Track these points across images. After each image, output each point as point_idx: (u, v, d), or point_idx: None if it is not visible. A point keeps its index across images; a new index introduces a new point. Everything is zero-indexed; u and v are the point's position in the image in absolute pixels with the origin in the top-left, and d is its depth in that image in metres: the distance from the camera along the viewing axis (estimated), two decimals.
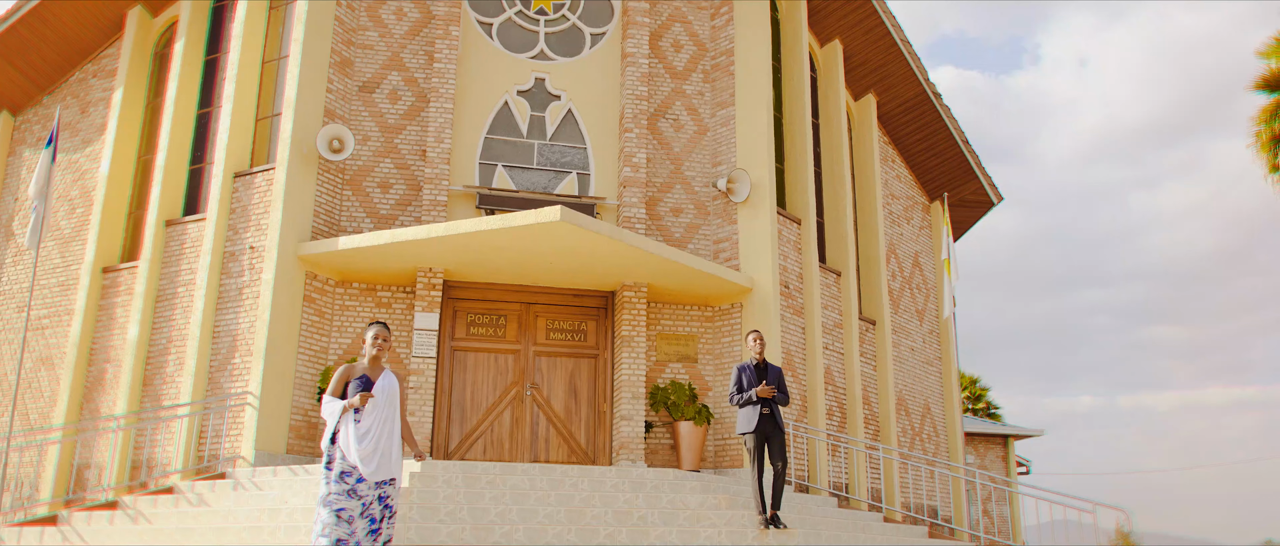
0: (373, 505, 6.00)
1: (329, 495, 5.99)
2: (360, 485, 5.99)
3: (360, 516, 5.96)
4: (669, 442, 12.35)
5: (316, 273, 11.74)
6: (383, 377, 6.24)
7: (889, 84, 15.50)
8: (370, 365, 6.27)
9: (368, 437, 6.02)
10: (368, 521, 5.98)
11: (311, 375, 11.53)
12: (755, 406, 8.02)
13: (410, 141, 12.63)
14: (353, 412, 6.09)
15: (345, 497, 5.96)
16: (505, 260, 11.50)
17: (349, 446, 6.01)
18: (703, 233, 13.13)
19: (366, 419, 6.06)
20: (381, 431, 6.07)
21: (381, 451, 6.05)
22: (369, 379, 6.20)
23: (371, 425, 6.05)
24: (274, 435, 10.97)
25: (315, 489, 8.88)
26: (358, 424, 6.06)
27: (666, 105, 13.51)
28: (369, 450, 5.99)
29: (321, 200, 11.95)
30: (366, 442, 6.00)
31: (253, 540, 7.62)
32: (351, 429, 6.04)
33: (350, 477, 6.00)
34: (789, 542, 7.53)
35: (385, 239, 10.95)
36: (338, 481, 6.00)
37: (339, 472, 6.02)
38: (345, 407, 6.09)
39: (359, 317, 11.98)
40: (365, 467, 5.96)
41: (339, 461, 6.05)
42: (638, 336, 12.10)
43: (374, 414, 6.07)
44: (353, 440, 6.01)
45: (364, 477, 5.99)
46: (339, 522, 5.91)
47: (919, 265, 16.69)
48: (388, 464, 6.09)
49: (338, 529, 5.89)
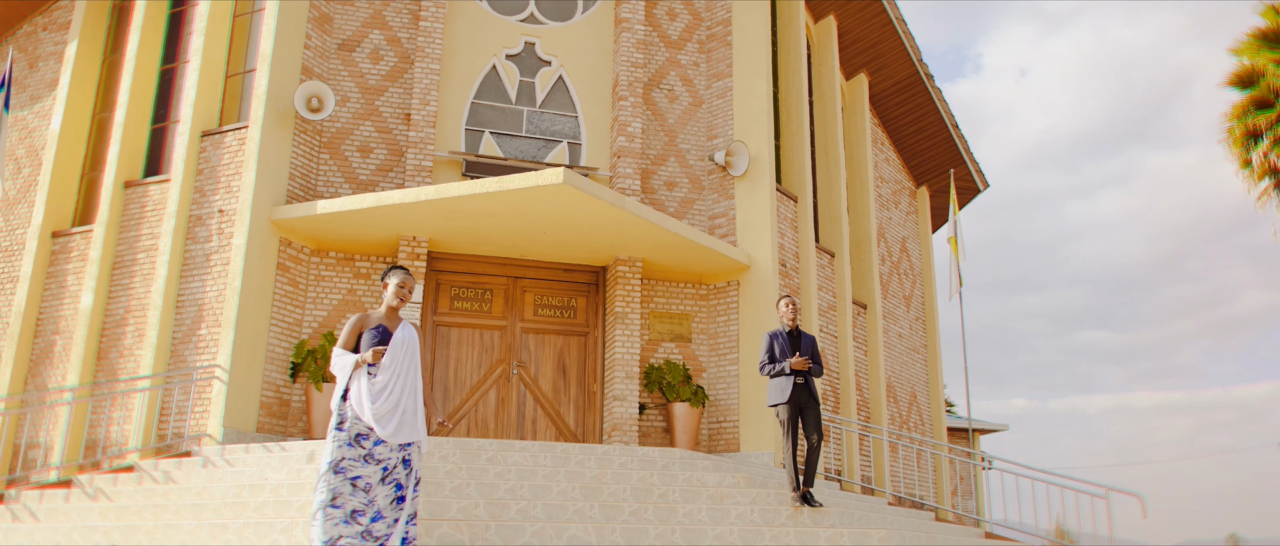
0: (397, 469, 5.34)
1: (341, 461, 5.29)
2: (378, 448, 5.31)
3: (381, 483, 5.27)
4: (661, 425, 11.81)
5: (291, 239, 10.96)
6: (402, 329, 5.58)
7: (882, 64, 15.16)
8: (387, 315, 5.61)
9: (385, 394, 5.35)
10: (393, 488, 5.30)
11: (284, 348, 10.75)
12: (788, 377, 7.50)
13: (392, 104, 11.90)
14: (366, 367, 5.42)
15: (361, 463, 5.27)
16: (495, 229, 10.85)
17: (362, 405, 5.33)
18: (698, 208, 12.61)
19: (383, 373, 5.40)
20: (401, 388, 5.40)
21: (403, 410, 5.38)
22: (386, 330, 5.53)
23: (389, 381, 5.39)
24: (244, 412, 10.17)
25: (296, 465, 8.17)
26: (372, 379, 5.39)
27: (661, 75, 12.96)
28: (386, 409, 5.33)
29: (297, 163, 11.17)
30: (383, 400, 5.33)
31: (235, 517, 6.89)
32: (365, 385, 5.37)
33: (366, 441, 5.32)
34: (824, 522, 7.02)
35: (370, 202, 10.22)
36: (351, 445, 5.31)
37: (353, 435, 5.33)
38: (357, 362, 5.42)
39: (335, 289, 11.22)
40: (382, 428, 5.30)
41: (351, 422, 5.37)
42: (632, 313, 11.54)
43: (392, 368, 5.41)
44: (366, 397, 5.33)
45: (383, 439, 5.32)
46: (355, 492, 5.22)
47: (906, 250, 16.38)
48: (410, 425, 5.41)
49: (353, 498, 5.19)
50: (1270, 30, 12.94)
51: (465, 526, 6.13)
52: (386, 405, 5.33)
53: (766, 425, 11.40)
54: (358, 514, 5.20)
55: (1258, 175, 13.98)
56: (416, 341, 5.61)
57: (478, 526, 6.15)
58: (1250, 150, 14.91)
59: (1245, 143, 15.46)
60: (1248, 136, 15.41)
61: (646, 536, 6.33)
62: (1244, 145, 15.50)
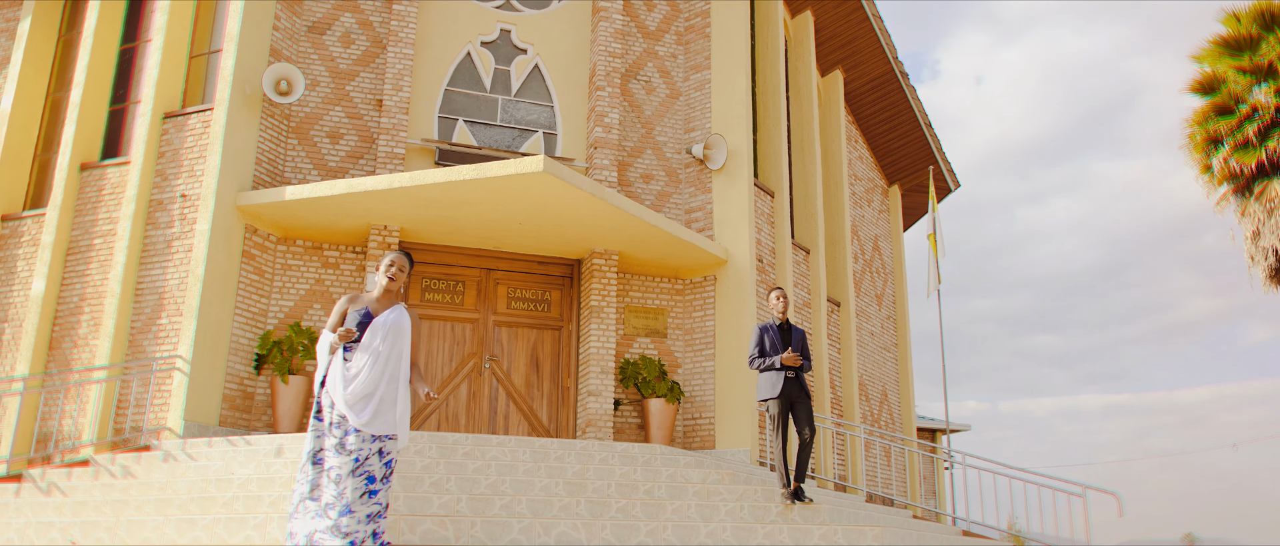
0: (370, 461, 4.99)
1: (318, 451, 5.03)
2: (350, 438, 4.98)
3: (351, 476, 4.92)
4: (636, 421, 11.61)
5: (257, 226, 10.58)
6: (388, 313, 5.27)
7: (857, 61, 15.11)
8: (381, 298, 5.31)
9: (357, 380, 5.03)
10: (365, 481, 4.95)
11: (249, 339, 10.37)
12: (779, 371, 7.33)
13: (364, 89, 11.56)
14: (343, 349, 5.12)
15: (334, 453, 4.97)
16: (470, 219, 10.57)
17: (336, 389, 5.04)
18: (674, 201, 12.43)
19: (358, 357, 5.08)
20: (377, 375, 5.06)
21: (378, 398, 5.04)
22: (370, 313, 5.24)
23: (363, 366, 5.06)
24: (206, 404, 9.79)
25: (264, 460, 7.86)
26: (347, 364, 5.09)
27: (638, 66, 12.77)
28: (358, 394, 5.00)
29: (264, 147, 10.79)
30: (356, 386, 5.01)
31: (203, 513, 6.57)
32: (339, 368, 5.07)
33: (338, 429, 5.01)
34: (815, 520, 6.88)
35: (341, 189, 9.89)
36: (328, 432, 5.04)
37: (328, 423, 5.05)
38: (332, 345, 5.12)
39: (302, 278, 10.87)
40: (355, 416, 4.97)
41: (328, 409, 5.08)
42: (608, 307, 11.33)
43: (370, 351, 5.09)
44: (339, 382, 5.03)
45: (357, 428, 4.99)
46: (328, 483, 4.94)
47: (878, 249, 16.36)
48: (387, 414, 5.07)
49: (326, 490, 4.92)
50: (1231, 37, 13.00)
51: (450, 522, 5.88)
52: (360, 390, 5.01)
53: (743, 422, 11.27)
54: (329, 507, 4.91)
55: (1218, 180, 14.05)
56: (405, 325, 5.28)
57: (463, 523, 5.90)
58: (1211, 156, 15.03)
59: (1206, 148, 15.61)
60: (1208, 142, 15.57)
61: (638, 534, 6.13)
62: (1205, 151, 15.64)
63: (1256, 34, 12.61)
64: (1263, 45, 12.57)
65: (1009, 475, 10.35)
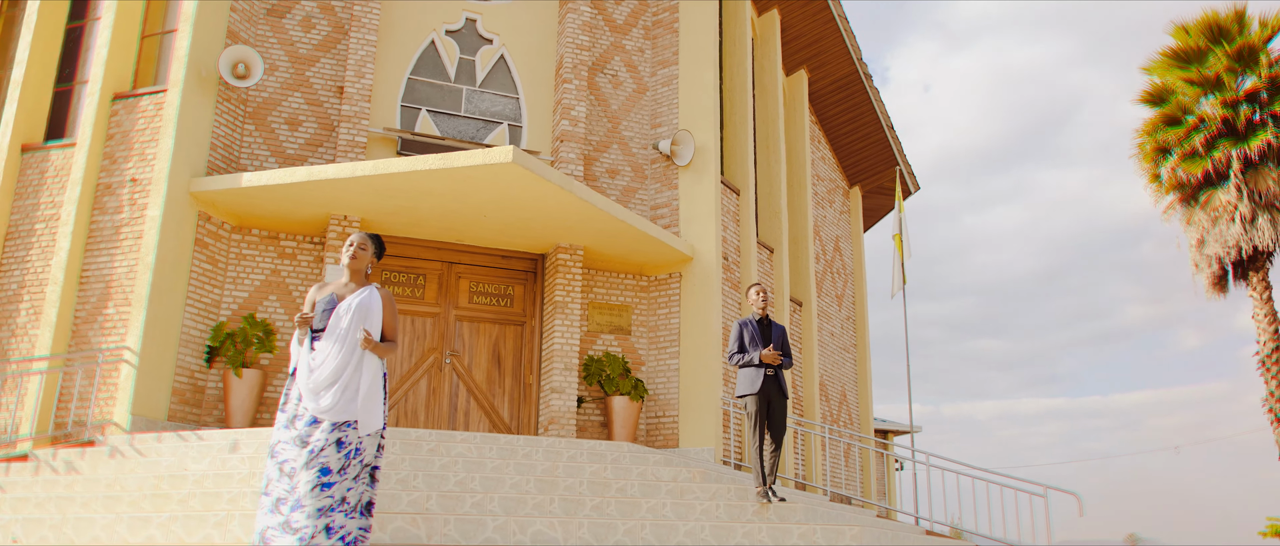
0: (326, 452, 4.61)
1: (276, 443, 4.75)
2: (312, 429, 4.67)
3: (304, 468, 4.59)
4: (599, 419, 11.45)
5: (211, 214, 10.20)
6: (355, 295, 4.97)
7: (822, 61, 15.12)
8: (348, 282, 5.05)
9: (321, 367, 4.75)
10: (316, 473, 4.57)
11: (201, 331, 10.00)
12: (758, 368, 7.22)
13: (324, 75, 11.23)
14: (309, 337, 4.86)
15: (291, 446, 4.69)
16: (434, 210, 10.32)
17: (301, 378, 4.78)
18: (640, 197, 12.29)
19: (323, 344, 4.81)
20: (343, 361, 4.77)
21: (342, 385, 4.73)
22: (335, 298, 4.98)
23: (329, 353, 4.78)
24: (154, 398, 9.40)
25: (219, 455, 7.56)
26: (313, 352, 4.82)
27: (605, 60, 12.60)
28: (321, 382, 4.71)
29: (220, 132, 10.41)
30: (319, 373, 4.73)
31: (157, 510, 6.26)
32: (304, 355, 4.81)
33: (300, 421, 4.72)
34: (790, 519, 6.78)
35: (301, 177, 9.57)
36: (288, 425, 4.75)
37: (290, 415, 4.78)
38: (299, 336, 4.87)
39: (258, 268, 10.51)
40: (313, 402, 4.68)
41: (293, 401, 4.81)
42: (572, 303, 11.15)
43: (333, 337, 4.81)
44: (304, 369, 4.77)
45: (315, 417, 4.69)
46: (280, 477, 4.64)
47: (839, 250, 16.40)
48: (349, 401, 4.73)
49: (278, 484, 4.62)
50: (1180, 50, 13.25)
51: (422, 521, 5.66)
52: (323, 377, 4.73)
53: (706, 421, 11.16)
54: (281, 502, 4.60)
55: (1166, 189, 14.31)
56: (374, 305, 4.97)
57: (434, 521, 5.69)
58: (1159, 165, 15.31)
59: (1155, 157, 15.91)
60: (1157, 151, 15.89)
61: (615, 533, 5.97)
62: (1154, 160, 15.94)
63: (1204, 46, 12.87)
64: (1210, 57, 12.84)
65: (972, 475, 10.40)
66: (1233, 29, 12.65)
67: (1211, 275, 12.93)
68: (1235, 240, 12.32)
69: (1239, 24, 12.70)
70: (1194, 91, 13.24)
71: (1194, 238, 13.24)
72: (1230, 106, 12.73)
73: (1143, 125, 16.10)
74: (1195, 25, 12.96)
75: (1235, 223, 12.50)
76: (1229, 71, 12.74)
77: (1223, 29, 12.72)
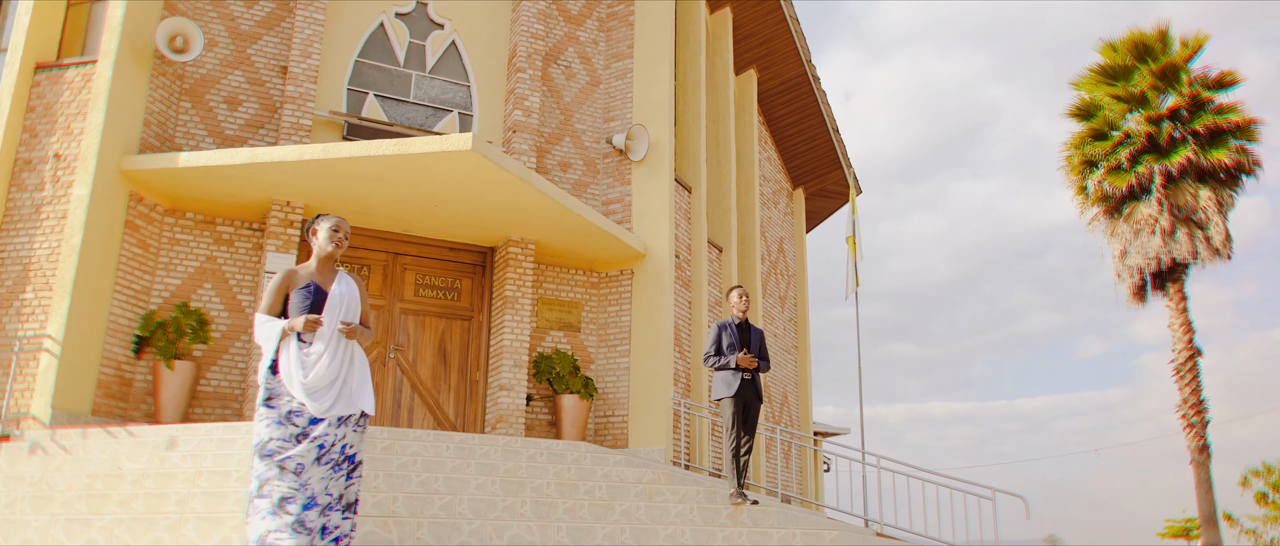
0: (334, 449, 4.48)
1: (268, 441, 4.44)
2: (315, 426, 4.46)
3: (316, 463, 4.40)
4: (547, 417, 11.18)
5: (143, 194, 9.60)
6: (339, 283, 4.72)
7: (772, 61, 15.09)
8: (320, 268, 4.74)
9: (318, 368, 4.50)
10: (330, 468, 4.44)
11: (129, 319, 9.39)
12: (735, 372, 7.06)
13: (267, 54, 10.69)
14: (297, 334, 4.57)
15: (292, 444, 4.43)
16: (383, 199, 9.91)
17: (292, 378, 4.49)
18: (591, 192, 12.05)
19: (318, 342, 4.57)
20: (339, 356, 4.56)
21: (341, 381, 4.54)
22: (319, 287, 4.66)
23: (324, 352, 4.55)
24: (78, 391, 8.79)
25: (156, 453, 7.07)
26: (305, 348, 4.54)
27: (559, 50, 12.32)
28: (321, 381, 4.49)
29: (154, 109, 9.81)
30: (319, 372, 4.49)
31: (95, 512, 5.78)
32: (295, 354, 4.51)
33: (299, 418, 4.47)
34: (764, 523, 6.64)
35: (244, 158, 9.07)
36: (282, 423, 4.46)
37: (285, 412, 4.48)
38: (286, 330, 4.56)
39: (192, 255, 9.94)
40: (317, 403, 4.46)
41: (283, 398, 4.51)
42: (523, 298, 10.85)
43: (330, 334, 4.57)
44: (297, 369, 4.48)
45: (319, 417, 4.47)
46: (283, 476, 4.36)
47: (783, 251, 16.41)
48: (348, 396, 4.57)
49: (281, 484, 4.34)
50: (1108, 66, 13.59)
51: (393, 525, 5.33)
52: (322, 377, 4.50)
53: (657, 421, 10.99)
54: (287, 501, 4.33)
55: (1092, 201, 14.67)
56: (356, 295, 4.76)
57: (406, 525, 5.37)
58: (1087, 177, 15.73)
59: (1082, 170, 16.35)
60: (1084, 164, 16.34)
61: (593, 536, 5.74)
62: (1081, 172, 16.37)
63: (1131, 63, 13.21)
64: (1136, 74, 13.19)
65: (922, 478, 10.43)
66: (1157, 48, 13.00)
67: (1133, 285, 13.28)
68: (1156, 252, 12.67)
69: (1163, 43, 13.06)
70: (1120, 107, 13.57)
71: (1117, 249, 13.59)
72: (1154, 123, 13.07)
73: (1071, 138, 16.50)
74: (1122, 43, 13.29)
75: (1156, 235, 12.84)
76: (1153, 89, 13.09)
77: (1148, 47, 13.06)
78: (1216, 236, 12.39)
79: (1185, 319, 12.68)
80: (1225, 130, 12.56)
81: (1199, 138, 12.66)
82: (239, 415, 9.57)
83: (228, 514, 5.12)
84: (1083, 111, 16.39)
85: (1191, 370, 12.63)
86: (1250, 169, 12.61)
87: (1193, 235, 12.67)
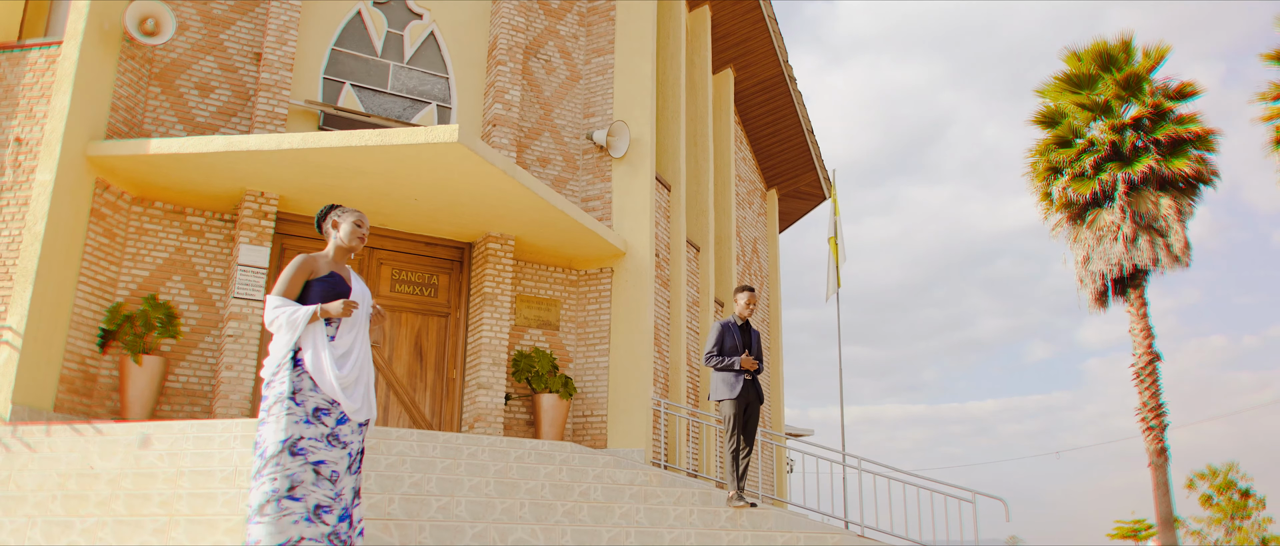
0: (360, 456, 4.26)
1: (298, 441, 4.03)
2: (342, 427, 4.14)
3: (348, 472, 4.12)
4: (525, 417, 10.98)
5: (110, 182, 9.23)
6: (356, 279, 4.49)
7: (750, 61, 15.03)
8: (337, 260, 4.45)
9: (351, 361, 4.21)
10: (356, 478, 4.20)
11: (95, 312, 9.01)
12: (737, 373, 6.94)
13: (241, 40, 10.36)
14: (324, 322, 4.22)
15: (324, 445, 4.07)
16: (361, 190, 9.63)
17: (322, 372, 4.13)
18: (571, 188, 11.87)
19: (345, 335, 4.25)
20: (362, 354, 4.30)
21: (365, 382, 4.30)
22: (340, 279, 4.35)
23: (353, 345, 4.26)
24: (39, 386, 8.40)
25: (130, 452, 6.76)
26: (334, 342, 4.21)
27: (539, 44, 12.12)
28: (351, 377, 4.19)
29: (122, 93, 9.43)
30: (350, 368, 4.20)
31: (73, 513, 5.48)
32: (325, 347, 4.16)
33: (328, 417, 4.11)
34: (763, 526, 6.54)
35: (219, 146, 8.74)
36: (310, 420, 4.08)
37: (313, 408, 4.10)
38: (318, 313, 4.18)
39: (161, 246, 9.58)
40: (349, 400, 4.15)
41: (308, 392, 4.13)
42: (502, 295, 10.64)
43: (354, 330, 4.29)
44: (329, 364, 4.14)
45: (347, 417, 4.17)
46: (319, 482, 3.99)
47: (757, 252, 16.37)
48: (370, 399, 4.34)
49: (317, 490, 3.99)
50: (1072, 74, 13.76)
51: (395, 527, 5.12)
52: (351, 373, 4.21)
53: (636, 421, 10.85)
54: (323, 510, 3.97)
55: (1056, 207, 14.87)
56: (368, 294, 4.52)
57: (408, 528, 5.16)
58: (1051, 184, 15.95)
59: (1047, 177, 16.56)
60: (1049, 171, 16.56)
61: (598, 539, 5.58)
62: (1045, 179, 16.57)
63: (1095, 72, 13.38)
64: (1100, 84, 13.36)
65: (903, 480, 10.42)
66: (1121, 57, 13.18)
67: (1094, 291, 13.46)
68: (1118, 258, 12.84)
69: (1126, 53, 13.24)
70: (1085, 115, 13.73)
71: (1080, 255, 13.75)
72: (1118, 131, 13.24)
73: (1036, 145, 16.71)
74: (1087, 52, 13.46)
75: (1118, 242, 13.01)
76: (1117, 98, 13.27)
77: (1112, 57, 13.23)
78: (1176, 244, 12.59)
79: (1145, 324, 12.86)
80: (1186, 140, 12.76)
81: (1161, 147, 12.84)
82: (209, 413, 9.24)
83: (218, 516, 4.87)
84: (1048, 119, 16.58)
85: (1151, 374, 12.82)
86: (1208, 179, 12.83)
87: (1154, 242, 12.85)
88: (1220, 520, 32.62)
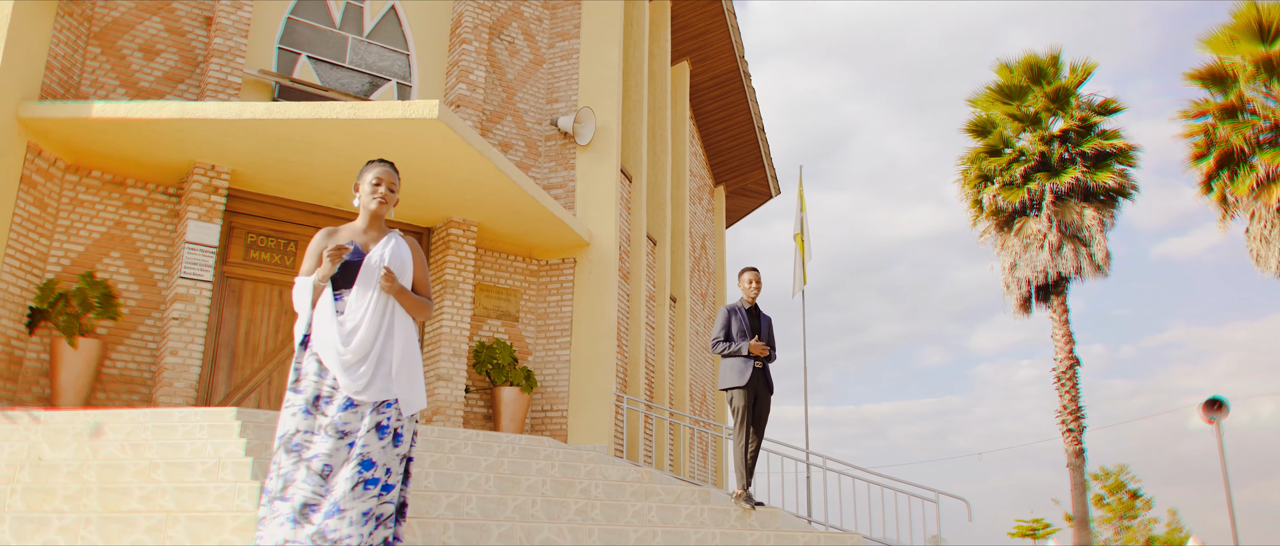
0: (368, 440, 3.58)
1: (293, 436, 3.60)
2: (346, 414, 3.59)
3: (345, 464, 3.54)
4: (483, 410, 10.53)
5: (43, 147, 8.42)
6: (385, 243, 3.89)
7: (706, 54, 14.85)
8: (370, 225, 3.93)
9: (357, 335, 3.67)
10: (357, 469, 3.52)
11: (23, 289, 8.20)
12: (746, 360, 6.68)
13: (190, 1, 9.61)
14: (333, 297, 3.74)
15: (321, 437, 3.57)
16: (321, 168, 9.04)
17: (328, 349, 3.66)
18: (533, 175, 11.46)
19: (353, 305, 3.73)
20: (378, 326, 3.72)
21: (377, 357, 3.70)
22: (360, 249, 3.83)
23: (362, 316, 3.71)
24: None
25: (78, 442, 6.13)
26: (341, 315, 3.71)
27: (503, 24, 11.67)
28: (354, 355, 3.65)
29: (58, 52, 8.63)
30: (357, 343, 3.66)
31: (33, 508, 4.85)
32: (331, 321, 3.68)
33: (329, 405, 3.61)
34: (772, 525, 6.31)
35: (171, 112, 8.06)
36: (308, 411, 3.62)
37: (313, 396, 3.64)
38: (318, 282, 3.70)
39: (98, 219, 8.80)
40: (349, 380, 3.62)
41: (310, 378, 3.67)
42: (464, 283, 10.17)
43: (366, 298, 3.75)
44: (333, 338, 3.65)
45: (354, 402, 3.61)
46: (308, 477, 3.51)
47: (705, 248, 16.21)
48: (383, 376, 3.71)
49: (305, 487, 3.51)
50: (1004, 86, 14.05)
51: (418, 526, 4.68)
52: (355, 350, 3.66)
53: (598, 416, 10.52)
54: (310, 509, 3.48)
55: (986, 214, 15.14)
56: (407, 260, 3.92)
57: (432, 526, 4.73)
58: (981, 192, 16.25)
59: (977, 185, 16.89)
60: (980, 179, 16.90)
61: (626, 540, 5.24)
62: (976, 187, 16.91)
63: (1026, 84, 13.68)
64: (1030, 96, 13.68)
65: (868, 479, 10.38)
66: (1050, 71, 13.51)
67: (1020, 297, 13.76)
68: (1043, 266, 13.13)
69: (1055, 67, 13.58)
70: (1015, 125, 14.02)
71: (1007, 262, 14.03)
72: (1046, 142, 13.56)
73: (967, 153, 17.01)
74: (1018, 65, 13.77)
75: (1044, 250, 13.31)
76: (1046, 110, 13.59)
77: (1041, 70, 13.56)
78: (1098, 253, 12.93)
79: (1067, 330, 13.17)
80: (1110, 153, 13.15)
81: (1087, 159, 13.17)
82: (149, 401, 8.53)
83: (227, 514, 4.36)
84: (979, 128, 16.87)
85: (1071, 378, 13.14)
86: (1128, 193, 13.24)
87: (1078, 251, 13.18)
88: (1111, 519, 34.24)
